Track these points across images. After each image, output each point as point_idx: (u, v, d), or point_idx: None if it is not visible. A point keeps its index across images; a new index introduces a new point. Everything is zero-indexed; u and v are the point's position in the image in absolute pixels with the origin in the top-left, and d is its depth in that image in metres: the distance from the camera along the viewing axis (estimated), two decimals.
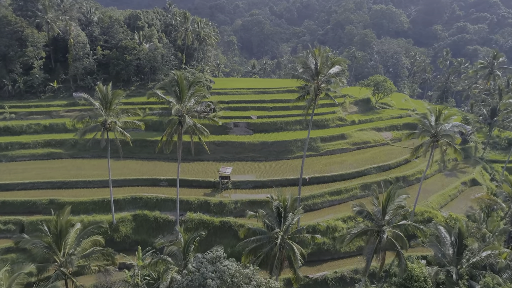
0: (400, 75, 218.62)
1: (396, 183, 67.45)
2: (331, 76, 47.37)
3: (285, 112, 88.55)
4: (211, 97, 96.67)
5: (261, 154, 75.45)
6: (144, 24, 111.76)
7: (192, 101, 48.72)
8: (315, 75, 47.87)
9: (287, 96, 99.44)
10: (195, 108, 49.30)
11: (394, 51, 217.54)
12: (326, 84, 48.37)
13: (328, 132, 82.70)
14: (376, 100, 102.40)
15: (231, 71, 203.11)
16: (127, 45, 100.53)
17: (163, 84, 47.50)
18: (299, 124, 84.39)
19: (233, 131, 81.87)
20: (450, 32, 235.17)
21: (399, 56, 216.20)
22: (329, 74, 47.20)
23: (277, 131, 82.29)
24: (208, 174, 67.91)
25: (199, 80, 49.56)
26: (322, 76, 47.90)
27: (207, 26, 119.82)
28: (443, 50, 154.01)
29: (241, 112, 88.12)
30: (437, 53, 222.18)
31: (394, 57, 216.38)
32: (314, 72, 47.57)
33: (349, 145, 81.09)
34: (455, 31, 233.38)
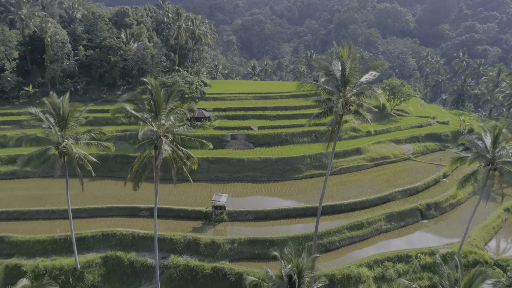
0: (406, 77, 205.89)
1: (427, 212, 54.54)
2: (365, 87, 34.20)
3: (290, 121, 75.53)
4: (206, 103, 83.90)
5: (263, 174, 62.46)
6: (133, 21, 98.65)
7: (171, 118, 35.64)
8: (342, 85, 34.84)
9: (291, 102, 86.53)
10: (176, 127, 36.24)
11: (400, 51, 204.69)
12: (357, 98, 35.22)
13: (341, 145, 69.67)
14: (391, 107, 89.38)
15: (230, 72, 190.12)
16: (112, 45, 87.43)
17: (132, 96, 34.37)
18: (307, 136, 71.37)
19: (231, 144, 68.87)
20: (458, 31, 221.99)
21: (405, 56, 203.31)
22: (361, 84, 34.08)
23: (282, 145, 69.27)
24: (199, 199, 54.98)
25: (180, 89, 36.03)
26: (351, 86, 34.87)
27: (203, 24, 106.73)
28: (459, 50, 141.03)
29: (240, 122, 75.11)
30: (444, 53, 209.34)
31: (400, 58, 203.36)
32: (340, 81, 34.52)
33: (366, 161, 68.09)
34: (463, 30, 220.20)
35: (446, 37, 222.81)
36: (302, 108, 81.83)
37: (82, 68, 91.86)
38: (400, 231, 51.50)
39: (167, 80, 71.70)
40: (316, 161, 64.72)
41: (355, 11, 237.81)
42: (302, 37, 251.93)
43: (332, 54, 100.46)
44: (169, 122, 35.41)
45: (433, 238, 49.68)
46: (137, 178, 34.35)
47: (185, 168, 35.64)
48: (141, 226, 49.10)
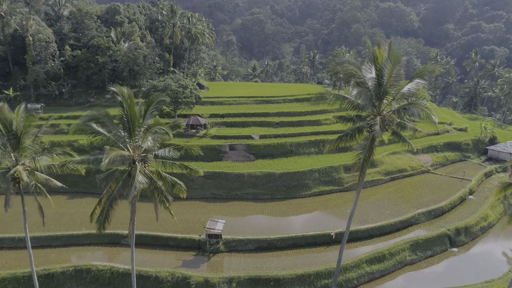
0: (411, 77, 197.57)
1: (457, 238, 46.35)
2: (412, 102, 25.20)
3: (295, 129, 67.30)
4: (202, 107, 75.73)
5: (266, 191, 54.26)
6: (124, 19, 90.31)
7: (149, 139, 27.38)
8: (377, 98, 26.14)
9: (295, 107, 78.31)
10: (154, 151, 28.02)
11: (404, 51, 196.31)
12: (397, 115, 26.47)
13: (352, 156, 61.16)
14: None
15: (230, 73, 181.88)
16: (100, 44, 79.17)
17: (97, 114, 26.00)
18: (314, 146, 63.12)
19: (229, 156, 60.66)
20: (463, 31, 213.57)
21: (410, 57, 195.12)
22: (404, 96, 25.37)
23: (286, 156, 61.03)
24: (192, 223, 46.80)
25: (161, 99, 27.49)
26: (389, 99, 26.40)
27: (200, 22, 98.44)
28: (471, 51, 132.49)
29: (240, 130, 66.84)
30: (450, 53, 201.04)
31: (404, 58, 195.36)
32: (375, 93, 25.80)
33: (381, 174, 59.89)
34: (468, 30, 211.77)
35: (451, 37, 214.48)
36: (308, 114, 73.61)
37: (68, 69, 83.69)
38: (427, 262, 43.28)
39: (158, 84, 63.53)
40: (326, 176, 56.53)
41: (358, 10, 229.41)
42: (304, 37, 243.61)
43: (339, 55, 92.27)
44: (148, 143, 27.13)
45: (468, 272, 41.41)
46: (104, 217, 26.03)
47: (166, 204, 27.17)
48: (123, 259, 40.91)
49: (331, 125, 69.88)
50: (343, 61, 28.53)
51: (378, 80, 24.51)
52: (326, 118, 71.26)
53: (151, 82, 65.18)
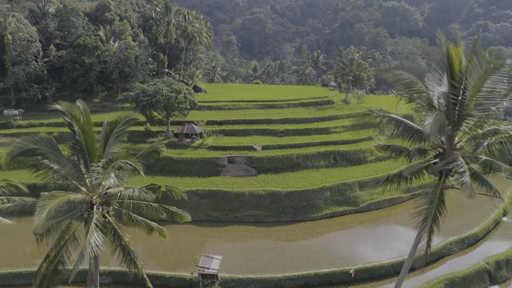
0: None
1: (497, 273, 38.58)
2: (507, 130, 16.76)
3: (301, 138, 59.46)
4: (199, 113, 67.97)
5: (270, 212, 46.47)
6: (115, 16, 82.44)
7: (111, 176, 19.40)
8: (452, 123, 17.27)
9: (301, 112, 70.45)
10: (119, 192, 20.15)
11: (409, 51, 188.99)
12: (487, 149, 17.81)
13: (367, 170, 53.71)
14: (421, 118, 73.15)
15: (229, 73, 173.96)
16: (87, 44, 71.30)
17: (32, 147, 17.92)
18: (324, 158, 55.28)
19: (227, 170, 52.84)
20: (469, 31, 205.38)
21: (415, 57, 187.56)
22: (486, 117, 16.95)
23: (292, 170, 53.22)
24: (183, 253, 39.14)
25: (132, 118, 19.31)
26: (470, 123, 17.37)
27: (197, 20, 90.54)
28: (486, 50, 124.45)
29: (240, 139, 59.06)
30: None
31: (410, 58, 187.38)
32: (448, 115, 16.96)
33: (401, 192, 52.05)
34: (474, 30, 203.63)
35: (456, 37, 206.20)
36: (315, 121, 65.81)
37: (53, 71, 75.95)
38: None
39: (148, 88, 55.73)
40: (338, 194, 48.72)
41: (361, 9, 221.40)
42: (305, 37, 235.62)
43: (348, 55, 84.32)
44: (110, 181, 19.27)
45: None
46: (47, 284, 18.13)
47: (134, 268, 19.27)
48: None
49: (341, 133, 62.22)
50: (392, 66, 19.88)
51: (454, 95, 16.49)
52: (336, 125, 63.50)
53: (140, 86, 57.41)
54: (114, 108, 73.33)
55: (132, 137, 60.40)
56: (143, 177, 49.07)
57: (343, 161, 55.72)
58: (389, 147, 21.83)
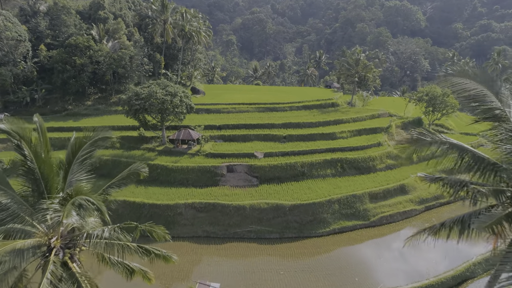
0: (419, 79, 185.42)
1: None
2: None
3: (306, 145, 55.14)
4: (196, 117, 63.80)
5: (273, 228, 42.20)
6: (109, 15, 78.11)
7: (72, 214, 14.97)
8: None
9: (305, 116, 66.21)
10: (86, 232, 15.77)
11: (412, 51, 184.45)
12: None
13: (378, 180, 49.42)
14: (430, 122, 69.00)
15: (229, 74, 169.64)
16: (78, 43, 66.98)
17: None
18: (331, 167, 50.96)
19: (226, 179, 48.57)
20: (472, 31, 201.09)
21: (418, 57, 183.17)
22: None
23: (297, 180, 48.92)
24: (176, 276, 34.87)
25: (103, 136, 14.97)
26: None
27: (196, 19, 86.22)
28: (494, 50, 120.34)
29: (240, 145, 54.77)
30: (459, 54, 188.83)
31: (412, 59, 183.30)
32: None
33: (414, 203, 47.85)
34: (478, 29, 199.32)
35: (459, 36, 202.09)
36: (320, 125, 61.50)
37: (44, 72, 71.60)
38: None
39: (141, 91, 51.43)
40: (348, 207, 44.45)
41: (363, 9, 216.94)
42: (306, 37, 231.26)
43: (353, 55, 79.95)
44: (73, 219, 14.90)
45: None
46: None
47: None
48: None
49: (348, 139, 57.92)
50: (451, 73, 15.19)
51: None
52: (342, 130, 59.16)
53: (133, 89, 53.14)
54: (107, 111, 69.16)
55: (125, 143, 56.21)
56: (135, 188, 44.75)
57: (351, 169, 51.44)
58: (441, 180, 17.01)
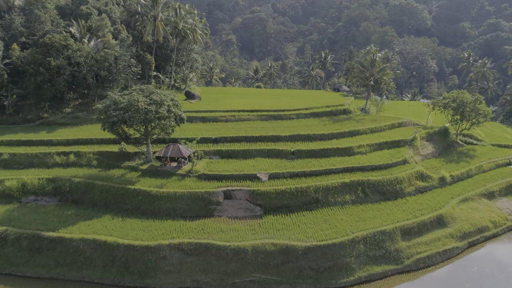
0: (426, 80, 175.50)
1: None
2: None
3: (318, 162, 45.33)
4: (190, 126, 54.25)
5: (283, 277, 32.50)
6: (92, 10, 68.32)
7: None
8: None
9: (315, 126, 56.62)
10: None
11: (418, 51, 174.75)
12: None
13: (408, 208, 39.75)
14: (457, 132, 59.29)
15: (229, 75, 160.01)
16: (54, 42, 57.22)
17: None
18: (350, 191, 41.27)
19: (223, 208, 38.91)
20: (480, 30, 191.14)
21: (424, 57, 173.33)
22: None
23: (309, 209, 39.28)
24: None
25: None
26: None
27: (191, 16, 76.45)
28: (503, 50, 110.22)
29: (240, 164, 45.03)
30: None
31: (419, 59, 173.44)
32: None
33: (455, 239, 38.17)
34: (486, 29, 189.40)
35: (467, 36, 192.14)
36: (334, 137, 51.73)
37: (17, 75, 61.94)
38: None
39: (121, 99, 41.72)
40: (375, 248, 34.76)
41: (367, 7, 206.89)
42: (307, 36, 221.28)
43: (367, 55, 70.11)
44: None
45: None
46: None
47: None
48: None
49: (368, 155, 48.18)
50: None
51: None
52: (360, 144, 49.36)
53: (112, 96, 43.46)
54: (88, 120, 59.39)
55: (104, 160, 46.57)
56: (110, 220, 34.96)
57: (375, 194, 41.79)
58: None
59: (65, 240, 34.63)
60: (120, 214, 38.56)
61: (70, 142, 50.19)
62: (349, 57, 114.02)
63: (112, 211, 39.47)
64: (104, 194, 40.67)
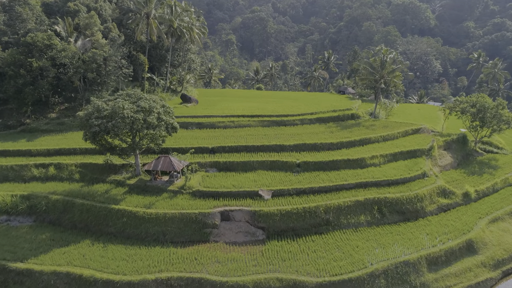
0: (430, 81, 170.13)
1: None
2: None
3: (327, 176, 39.92)
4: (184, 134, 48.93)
5: None
6: (80, 7, 62.97)
7: None
8: None
9: (321, 132, 51.26)
10: None
11: (422, 51, 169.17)
12: None
13: (432, 231, 34.36)
14: (476, 139, 53.90)
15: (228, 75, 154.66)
16: (36, 41, 51.78)
17: None
18: (365, 211, 35.88)
19: (220, 232, 33.56)
20: (485, 30, 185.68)
21: (428, 58, 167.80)
22: None
23: (319, 232, 33.93)
24: None
25: None
26: None
27: (187, 14, 70.99)
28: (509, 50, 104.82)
29: (239, 177, 39.65)
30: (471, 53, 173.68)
31: (423, 59, 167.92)
32: None
33: (488, 268, 32.81)
34: (491, 28, 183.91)
35: (471, 36, 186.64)
36: (343, 147, 46.29)
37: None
38: None
39: (104, 106, 36.36)
40: (399, 282, 29.35)
41: (369, 7, 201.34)
42: (308, 36, 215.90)
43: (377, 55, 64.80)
44: None
45: None
46: None
47: None
48: None
49: (382, 167, 42.76)
50: None
51: None
52: (373, 155, 43.89)
53: (95, 102, 38.15)
54: (74, 126, 53.72)
55: (87, 173, 41.21)
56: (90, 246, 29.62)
57: (393, 214, 36.43)
58: None
59: (34, 273, 29.27)
60: (101, 239, 33.20)
61: (51, 152, 44.78)
62: (353, 57, 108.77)
63: (93, 235, 34.13)
64: (84, 215, 35.32)
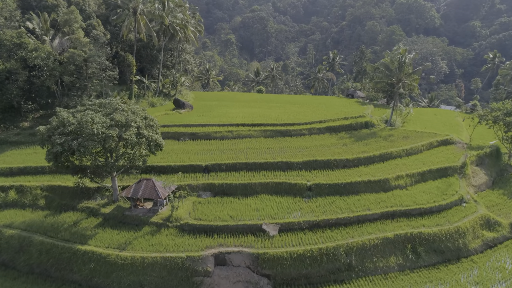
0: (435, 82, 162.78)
1: None
2: None
3: (346, 203, 32.33)
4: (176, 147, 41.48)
5: None
6: (60, 1, 55.10)
7: None
8: None
9: (333, 144, 43.73)
10: None
11: (428, 51, 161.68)
12: None
13: (480, 278, 26.83)
14: (510, 152, 46.29)
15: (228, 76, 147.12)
16: (4, 40, 44.17)
17: None
18: (396, 250, 28.36)
19: (214, 281, 25.96)
20: (492, 29, 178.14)
21: (434, 58, 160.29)
22: None
23: (340, 281, 26.37)
24: None
25: None
26: None
27: (181, 10, 63.30)
28: None
29: (238, 204, 32.08)
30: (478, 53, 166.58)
31: (429, 59, 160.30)
32: None
33: None
34: (498, 28, 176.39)
35: (478, 35, 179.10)
36: (361, 164, 38.69)
37: None
38: None
39: (69, 120, 28.85)
40: None
41: (372, 5, 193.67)
42: (309, 36, 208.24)
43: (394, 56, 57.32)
44: None
45: None
46: None
47: None
48: None
49: (409, 189, 35.19)
50: None
51: None
52: (398, 174, 36.29)
53: (60, 115, 30.65)
54: None
55: (55, 198, 33.69)
56: None
57: (430, 254, 28.88)
58: None
59: None
60: None
61: (14, 172, 37.23)
62: (360, 57, 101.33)
63: (52, 284, 26.64)
64: (43, 257, 27.79)
